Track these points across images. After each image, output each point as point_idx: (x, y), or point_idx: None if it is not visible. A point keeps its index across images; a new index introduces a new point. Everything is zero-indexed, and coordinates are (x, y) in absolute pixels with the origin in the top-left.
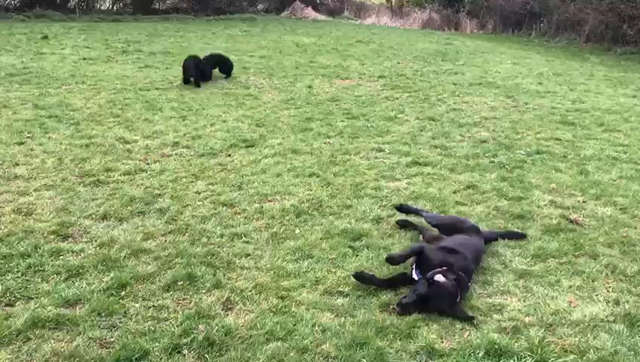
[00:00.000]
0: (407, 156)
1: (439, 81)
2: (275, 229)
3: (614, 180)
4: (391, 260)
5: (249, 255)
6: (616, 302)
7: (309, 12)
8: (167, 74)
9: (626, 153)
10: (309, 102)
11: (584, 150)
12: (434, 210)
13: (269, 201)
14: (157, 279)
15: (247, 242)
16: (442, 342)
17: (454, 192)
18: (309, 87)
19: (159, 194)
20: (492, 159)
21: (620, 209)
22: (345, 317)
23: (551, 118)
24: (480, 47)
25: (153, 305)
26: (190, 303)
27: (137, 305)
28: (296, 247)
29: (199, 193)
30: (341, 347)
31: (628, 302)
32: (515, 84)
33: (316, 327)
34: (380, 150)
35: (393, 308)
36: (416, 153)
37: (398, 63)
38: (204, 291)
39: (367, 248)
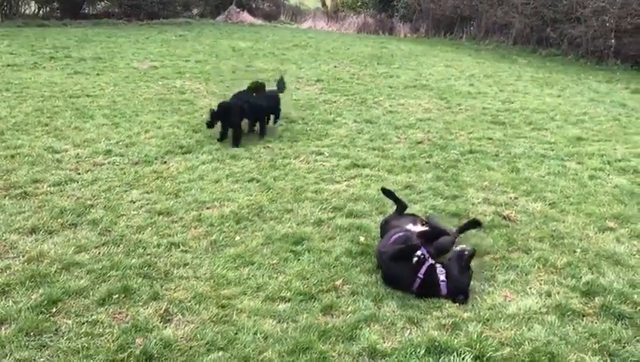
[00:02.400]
0: (346, 159)
1: (375, 84)
2: (214, 237)
3: (543, 176)
4: None
5: (187, 264)
6: (548, 294)
7: (245, 16)
8: (98, 80)
9: (553, 150)
10: None
11: (514, 148)
12: (373, 211)
13: (208, 208)
14: (90, 293)
15: (186, 251)
16: (384, 342)
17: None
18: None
19: (92, 205)
20: (427, 160)
21: (549, 204)
22: (287, 323)
23: (482, 118)
24: (414, 50)
25: (87, 321)
26: (126, 317)
27: (70, 322)
28: (236, 254)
29: (134, 202)
30: (284, 353)
31: (559, 293)
32: (448, 86)
33: (258, 335)
34: (320, 153)
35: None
36: (354, 155)
37: (335, 67)
38: (140, 303)
39: (309, 251)
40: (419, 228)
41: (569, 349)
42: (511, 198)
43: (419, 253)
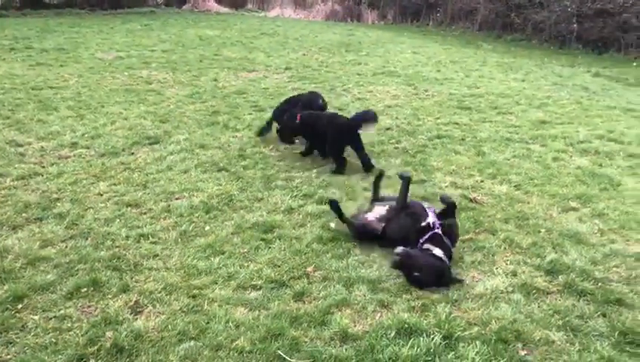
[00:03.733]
0: None
1: (344, 72)
2: (183, 227)
3: (508, 159)
4: None
5: (157, 255)
6: (514, 274)
7: (212, 5)
8: (61, 71)
9: (517, 134)
10: (215, 96)
11: (480, 132)
12: (343, 197)
13: (177, 199)
14: (58, 288)
15: (155, 242)
16: (355, 326)
17: (362, 179)
18: (215, 80)
19: (57, 199)
20: (396, 145)
21: (514, 186)
22: (259, 311)
23: (449, 104)
24: (381, 37)
25: (55, 316)
26: (96, 310)
27: (37, 318)
28: (206, 244)
29: (101, 195)
30: (256, 340)
31: (524, 272)
32: (415, 72)
33: (230, 323)
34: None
35: None
36: None
37: (304, 55)
38: (110, 296)
39: (280, 239)
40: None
41: (534, 326)
42: (477, 181)
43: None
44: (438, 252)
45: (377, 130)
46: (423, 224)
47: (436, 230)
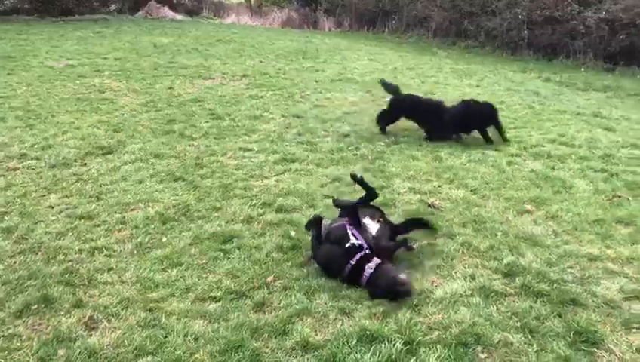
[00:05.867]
0: (274, 154)
1: (302, 79)
2: (139, 239)
3: (464, 164)
4: None
5: (112, 269)
6: (473, 277)
7: (166, 12)
8: (9, 80)
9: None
10: (171, 104)
11: None
12: (303, 206)
13: (132, 210)
14: (6, 305)
15: (110, 255)
16: (317, 335)
17: (322, 186)
18: (170, 88)
19: (5, 212)
20: (355, 152)
21: (471, 190)
22: (218, 322)
23: None
24: (338, 44)
25: (2, 335)
26: (47, 327)
27: None
28: (163, 256)
29: (52, 207)
30: (215, 353)
31: (482, 276)
32: (372, 79)
33: (188, 336)
34: (248, 149)
35: None
36: (283, 150)
37: (261, 62)
38: (62, 313)
39: (239, 249)
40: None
41: (493, 329)
42: (435, 186)
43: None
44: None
45: (336, 137)
46: (348, 245)
47: (365, 251)
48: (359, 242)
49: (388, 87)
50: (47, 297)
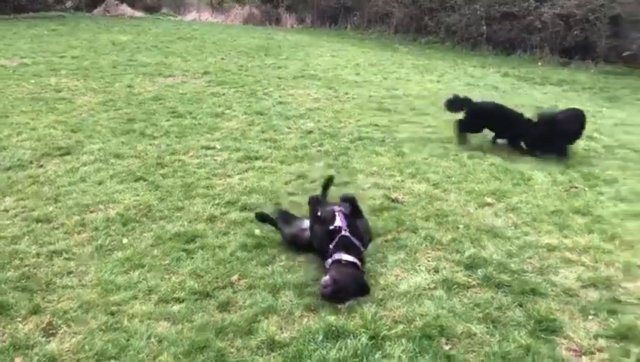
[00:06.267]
0: (237, 151)
1: (264, 76)
2: (99, 241)
3: (426, 159)
4: None
5: (71, 272)
6: (436, 270)
7: (125, 9)
8: None
9: (435, 134)
10: (131, 103)
11: (399, 133)
12: (267, 203)
13: (92, 212)
14: None
15: (69, 259)
16: (282, 333)
17: (286, 183)
18: (130, 86)
19: None
20: (319, 148)
21: (433, 185)
22: (182, 324)
23: (369, 106)
24: (301, 41)
25: None
26: (3, 335)
27: None
28: (124, 258)
29: (7, 211)
30: (180, 355)
31: (445, 268)
32: (335, 75)
33: (152, 339)
34: (210, 148)
35: None
36: (246, 148)
37: (222, 59)
38: (19, 319)
39: (202, 249)
40: None
41: (457, 320)
42: (398, 181)
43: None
44: (348, 258)
45: (299, 134)
46: (331, 228)
47: (344, 233)
48: (339, 225)
49: (458, 102)
50: (3, 304)
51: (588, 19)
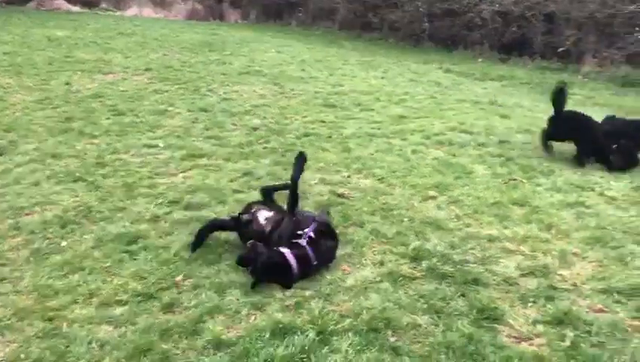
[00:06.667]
0: (181, 149)
1: (208, 72)
2: (36, 245)
3: (372, 154)
4: None
5: (5, 278)
6: (382, 263)
7: (61, 3)
8: None
9: (379, 129)
10: (68, 101)
11: (345, 129)
12: (212, 201)
13: (27, 214)
14: None
15: (3, 264)
16: (229, 332)
17: (231, 181)
18: (67, 83)
19: None
20: (265, 145)
21: (379, 179)
22: (125, 327)
23: (315, 102)
24: (245, 36)
25: None
26: None
27: None
28: (63, 261)
29: None
30: (122, 359)
31: (390, 261)
32: (280, 71)
33: (93, 344)
34: (152, 146)
35: None
36: (190, 145)
37: (165, 55)
38: None
39: (145, 250)
40: None
41: (402, 312)
42: (344, 177)
43: None
44: (284, 250)
45: (245, 130)
46: (299, 232)
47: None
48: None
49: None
50: None
51: (525, 17)
